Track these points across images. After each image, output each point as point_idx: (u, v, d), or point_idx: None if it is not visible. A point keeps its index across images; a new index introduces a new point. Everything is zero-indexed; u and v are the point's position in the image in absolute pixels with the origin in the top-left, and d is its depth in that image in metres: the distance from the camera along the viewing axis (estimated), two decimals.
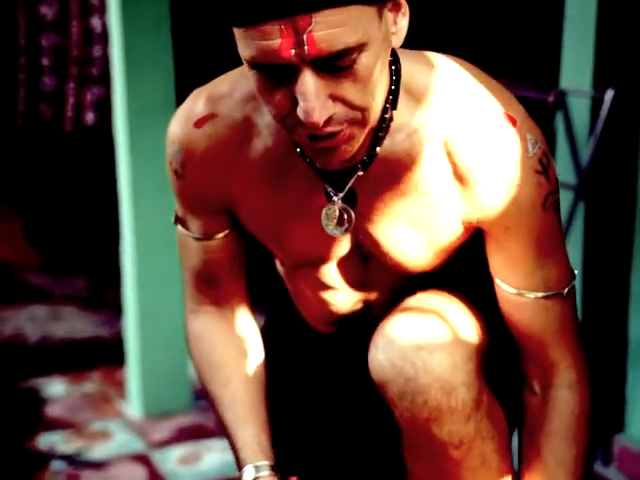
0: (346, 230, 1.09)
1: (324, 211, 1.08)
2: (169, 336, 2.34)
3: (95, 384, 2.59)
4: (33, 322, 3.06)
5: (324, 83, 0.90)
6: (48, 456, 2.18)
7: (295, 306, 1.31)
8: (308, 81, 0.89)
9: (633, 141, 2.01)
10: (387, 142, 1.05)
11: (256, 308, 1.31)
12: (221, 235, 1.19)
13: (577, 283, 2.37)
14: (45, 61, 3.45)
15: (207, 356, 1.23)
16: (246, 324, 1.26)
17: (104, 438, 2.28)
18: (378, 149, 1.04)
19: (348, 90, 0.92)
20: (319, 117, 0.90)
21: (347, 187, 1.07)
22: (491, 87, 1.07)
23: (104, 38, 3.29)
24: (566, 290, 1.10)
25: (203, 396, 1.35)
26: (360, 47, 0.89)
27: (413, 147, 1.05)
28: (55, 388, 2.56)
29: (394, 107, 1.03)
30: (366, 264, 1.17)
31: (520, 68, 2.59)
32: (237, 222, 1.18)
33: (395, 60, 1.03)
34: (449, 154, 1.05)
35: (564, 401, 1.12)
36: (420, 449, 1.09)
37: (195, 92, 1.14)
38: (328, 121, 0.92)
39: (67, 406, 2.45)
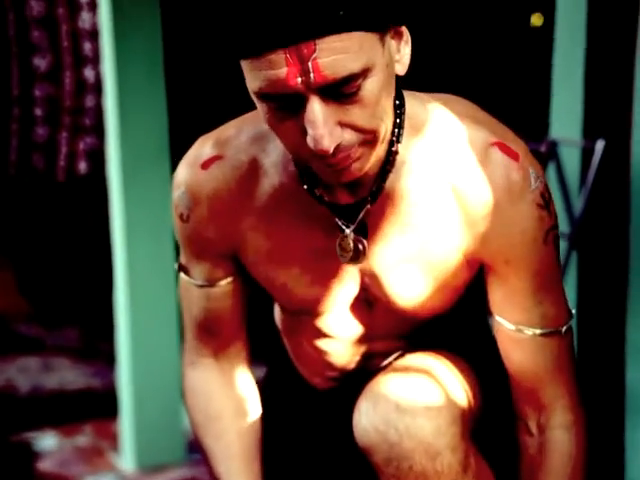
0: (360, 260, 1.10)
1: (337, 242, 1.09)
2: (163, 388, 2.32)
3: (87, 437, 2.56)
4: (24, 373, 3.03)
5: (332, 110, 0.92)
6: None
7: (293, 362, 1.30)
8: (315, 109, 0.91)
9: (624, 190, 2.02)
10: (393, 176, 1.06)
11: (256, 361, 1.31)
12: (224, 282, 1.19)
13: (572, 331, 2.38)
14: (38, 111, 3.47)
15: (203, 408, 1.23)
16: (243, 377, 1.26)
17: None
18: (386, 182, 1.06)
19: (356, 116, 0.94)
20: (328, 144, 0.92)
21: (359, 218, 1.08)
22: (492, 122, 1.09)
23: (97, 88, 3.32)
24: (564, 328, 1.11)
25: (197, 449, 1.34)
26: (364, 73, 0.91)
27: (418, 182, 1.06)
28: (47, 442, 2.53)
29: (399, 140, 1.04)
30: (371, 310, 1.17)
31: (510, 118, 2.61)
32: (241, 269, 1.19)
33: (398, 95, 1.05)
34: (453, 189, 1.06)
35: (561, 442, 1.12)
36: None
37: (201, 138, 1.16)
38: (338, 147, 0.94)
39: (59, 460, 2.42)
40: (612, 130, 2.14)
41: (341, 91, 0.91)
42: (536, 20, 2.73)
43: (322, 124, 0.91)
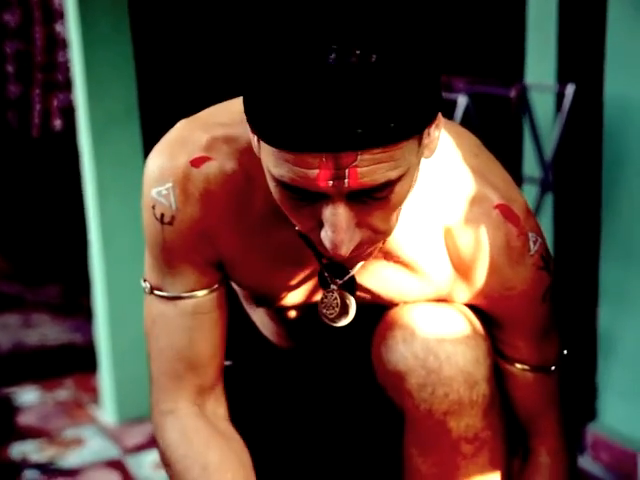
0: (347, 318, 1.03)
1: (321, 299, 1.04)
2: (142, 340, 2.32)
3: (68, 391, 2.57)
4: (5, 330, 3.04)
5: (354, 213, 0.85)
6: (20, 465, 2.16)
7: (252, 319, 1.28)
8: (340, 212, 0.84)
9: (596, 134, 2.02)
10: None
11: None
12: (210, 290, 1.07)
13: None
14: (10, 68, 3.43)
15: (191, 467, 1.07)
16: (229, 426, 1.14)
17: (77, 445, 2.26)
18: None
19: (376, 217, 0.87)
20: (347, 250, 0.85)
21: (349, 275, 1.02)
22: (493, 174, 1.04)
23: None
24: (553, 367, 1.11)
25: None
26: (400, 178, 0.84)
27: (414, 233, 1.02)
28: (28, 396, 2.54)
29: None
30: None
31: (485, 63, 2.60)
32: (223, 278, 1.09)
33: None
34: (449, 247, 1.03)
35: (545, 467, 1.15)
36: (430, 444, 1.08)
37: (182, 124, 1.04)
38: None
39: (40, 414, 2.44)
40: (584, 74, 2.14)
41: (372, 195, 0.84)
42: None
43: (344, 229, 0.84)
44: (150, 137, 2.13)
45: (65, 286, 3.39)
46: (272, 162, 0.84)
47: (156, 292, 1.08)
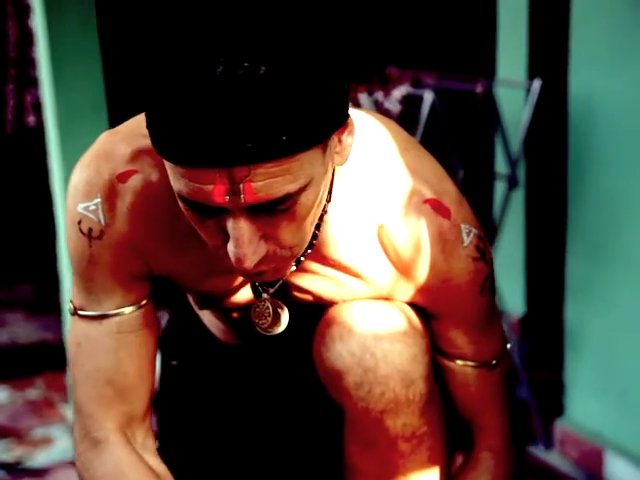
0: (278, 329, 1.02)
1: (253, 308, 1.02)
2: None
3: (39, 390, 2.56)
4: None
5: (258, 225, 0.84)
6: None
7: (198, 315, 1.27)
8: (242, 227, 0.82)
9: (562, 129, 2.02)
10: (320, 230, 0.99)
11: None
12: (137, 306, 1.04)
13: (520, 272, 2.40)
14: None
15: None
16: (157, 460, 1.09)
17: (46, 444, 2.25)
18: (314, 241, 0.98)
19: (282, 230, 0.85)
20: (250, 263, 0.84)
21: (279, 283, 1.01)
22: (424, 167, 1.04)
23: None
24: (494, 362, 1.10)
25: None
26: (302, 190, 0.83)
27: (348, 234, 1.00)
28: None
29: (329, 199, 0.96)
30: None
31: (458, 60, 2.60)
32: (152, 293, 1.07)
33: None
34: (385, 245, 1.02)
35: (486, 465, 1.14)
36: (368, 442, 1.08)
37: (106, 137, 1.02)
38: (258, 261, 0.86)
39: (10, 413, 2.42)
40: (550, 69, 2.14)
41: (274, 208, 0.83)
42: None
43: (247, 243, 0.83)
44: None
45: (37, 284, 3.37)
46: (172, 176, 0.83)
47: (80, 312, 1.03)
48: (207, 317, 1.26)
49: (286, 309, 1.02)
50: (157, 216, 0.99)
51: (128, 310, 1.03)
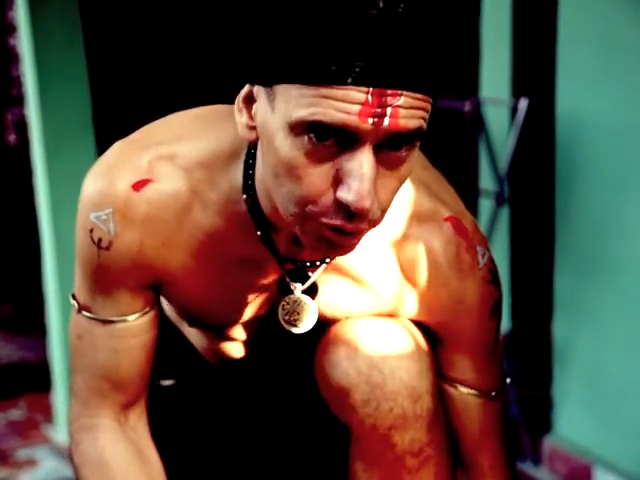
0: (309, 324, 1.02)
1: (281, 305, 1.01)
2: None
3: (22, 411, 2.53)
4: None
5: (377, 172, 0.82)
6: None
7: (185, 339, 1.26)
8: (369, 161, 0.80)
9: (549, 147, 2.04)
10: None
11: None
12: (141, 314, 1.04)
13: (505, 289, 2.41)
14: None
15: None
16: (151, 445, 1.11)
17: (30, 466, 2.22)
18: None
19: (386, 188, 0.84)
20: (370, 204, 0.81)
21: (312, 279, 1.01)
22: (442, 187, 1.04)
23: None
24: (494, 393, 1.10)
25: None
26: (420, 138, 0.83)
27: (364, 246, 0.97)
28: None
29: None
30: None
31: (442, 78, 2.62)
32: (156, 300, 1.07)
33: None
34: (400, 260, 1.02)
35: None
36: (375, 459, 1.08)
37: (120, 146, 1.00)
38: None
39: None
40: (537, 88, 2.16)
41: (396, 152, 0.82)
42: None
43: (370, 180, 0.80)
44: (105, 152, 2.11)
45: (18, 304, 3.34)
46: (304, 103, 0.79)
47: (84, 313, 1.04)
48: (193, 335, 1.24)
49: (315, 305, 1.01)
50: (172, 226, 0.99)
51: (132, 317, 1.04)
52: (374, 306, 1.07)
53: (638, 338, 1.85)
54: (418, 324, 1.09)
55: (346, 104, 0.78)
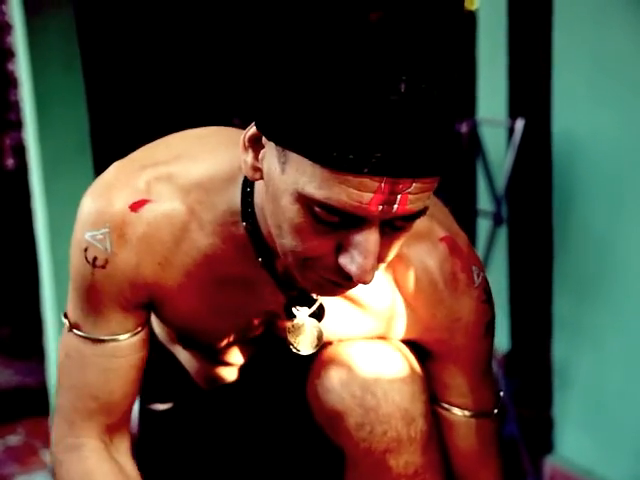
0: (317, 346, 1.02)
1: (288, 329, 1.01)
2: None
3: (20, 436, 2.51)
4: None
5: (381, 243, 0.84)
6: None
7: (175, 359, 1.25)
8: (375, 239, 0.82)
9: (546, 167, 2.05)
10: None
11: None
12: (132, 333, 1.04)
13: (504, 309, 2.41)
14: None
15: None
16: (133, 468, 1.10)
17: None
18: None
19: (388, 248, 0.86)
20: (371, 278, 0.83)
21: (319, 302, 1.01)
22: (437, 208, 1.06)
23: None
24: (495, 412, 1.10)
25: None
26: (423, 213, 0.85)
27: None
28: None
29: None
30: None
31: None
32: (148, 320, 1.06)
33: None
34: (398, 280, 1.03)
35: None
36: None
37: (119, 166, 1.00)
38: None
39: None
40: (533, 109, 2.17)
41: (400, 226, 0.84)
42: (469, 4, 2.74)
43: (374, 256, 0.82)
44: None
45: (15, 328, 3.33)
46: (316, 184, 0.80)
47: (75, 331, 1.03)
48: (185, 358, 1.24)
49: (321, 327, 1.02)
50: (169, 245, 0.99)
51: (123, 337, 1.03)
52: (370, 326, 1.07)
53: (637, 357, 1.85)
54: (411, 346, 1.09)
55: (359, 192, 0.79)
